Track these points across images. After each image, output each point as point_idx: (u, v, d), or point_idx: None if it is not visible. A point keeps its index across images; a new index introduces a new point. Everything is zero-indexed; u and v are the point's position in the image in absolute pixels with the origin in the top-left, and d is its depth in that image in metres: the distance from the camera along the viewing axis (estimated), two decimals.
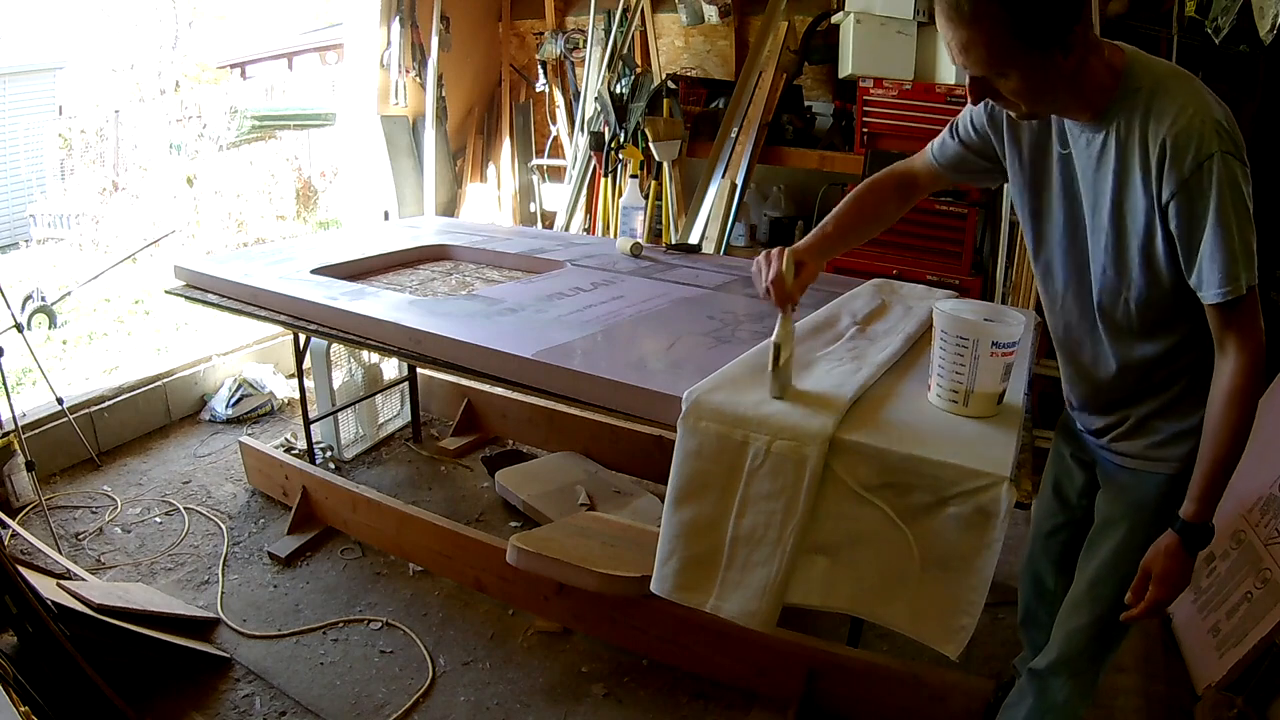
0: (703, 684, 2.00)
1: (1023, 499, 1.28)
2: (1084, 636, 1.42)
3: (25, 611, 1.64)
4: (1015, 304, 2.97)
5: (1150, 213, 1.14)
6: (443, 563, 2.37)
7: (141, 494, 2.82)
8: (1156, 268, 1.17)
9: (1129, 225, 1.17)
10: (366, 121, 4.30)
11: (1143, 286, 1.20)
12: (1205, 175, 1.07)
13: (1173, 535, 1.23)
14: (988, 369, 1.36)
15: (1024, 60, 1.07)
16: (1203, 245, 1.09)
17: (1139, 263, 1.19)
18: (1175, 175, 1.08)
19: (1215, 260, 1.08)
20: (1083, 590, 1.42)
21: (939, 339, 1.40)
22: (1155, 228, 1.14)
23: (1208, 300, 1.12)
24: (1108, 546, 1.38)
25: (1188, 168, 1.07)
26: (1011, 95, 1.13)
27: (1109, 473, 1.41)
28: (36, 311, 4.42)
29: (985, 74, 1.11)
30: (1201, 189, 1.07)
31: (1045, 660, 1.48)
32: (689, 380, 1.50)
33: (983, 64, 1.09)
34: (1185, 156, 1.07)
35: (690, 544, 1.45)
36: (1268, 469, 2.16)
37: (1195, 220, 1.09)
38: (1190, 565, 1.23)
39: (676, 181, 3.81)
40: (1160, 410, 1.30)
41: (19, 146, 7.79)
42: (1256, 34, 2.35)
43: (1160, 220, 1.13)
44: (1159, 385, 1.29)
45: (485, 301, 2.12)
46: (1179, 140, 1.08)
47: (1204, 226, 1.08)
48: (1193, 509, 1.21)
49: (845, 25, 3.17)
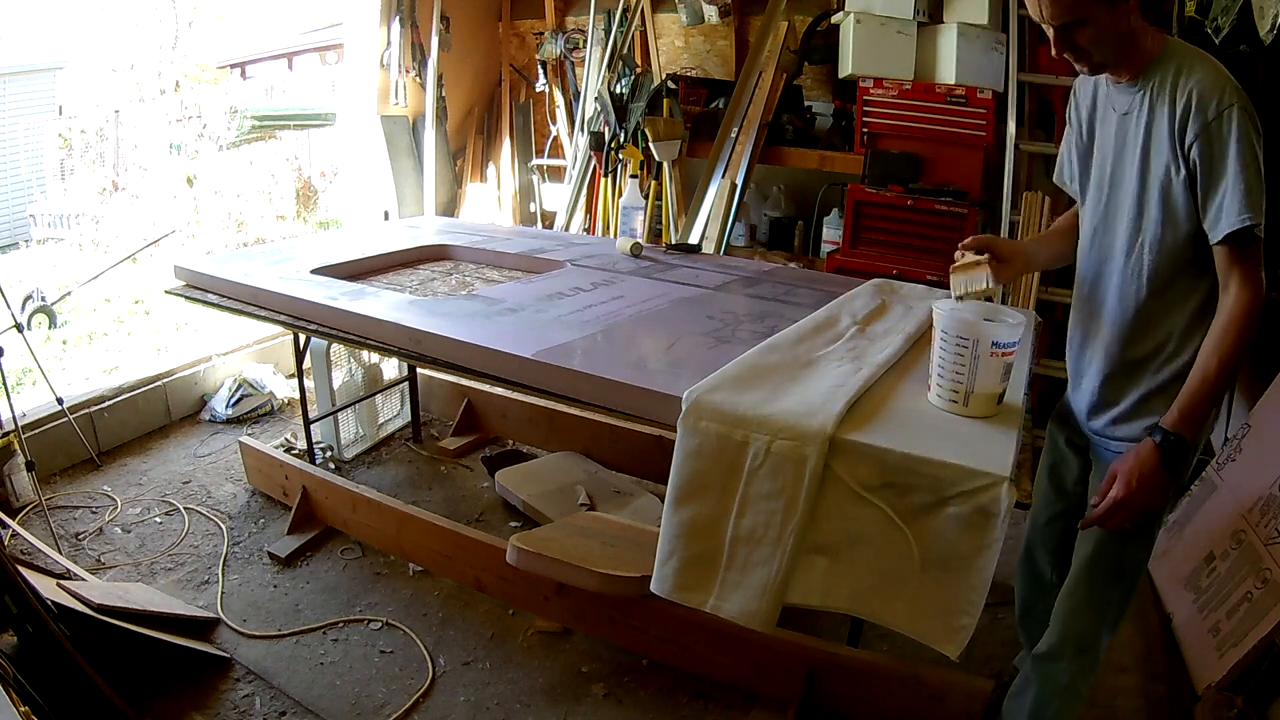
0: (703, 684, 2.00)
1: (1023, 499, 1.29)
2: (1085, 616, 1.45)
3: (25, 611, 1.64)
4: (1015, 304, 2.97)
5: (1172, 156, 1.26)
6: (443, 563, 2.36)
7: (141, 494, 2.82)
8: (1174, 210, 1.28)
9: (1152, 169, 1.30)
10: (366, 121, 4.30)
11: (1159, 230, 1.30)
12: (1226, 121, 1.20)
13: (1149, 442, 1.28)
14: (988, 369, 1.36)
15: (1101, 9, 1.23)
16: (1222, 182, 1.20)
17: (1157, 203, 1.29)
18: (1200, 119, 1.21)
19: (1235, 193, 1.19)
20: (1081, 570, 1.45)
21: (939, 339, 1.40)
22: (1176, 169, 1.25)
23: (1225, 230, 1.21)
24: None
25: (1210, 113, 1.20)
26: (1087, 44, 1.28)
27: (1106, 459, 1.43)
28: (36, 311, 4.42)
29: (1070, 20, 1.25)
30: (1222, 133, 1.20)
31: (1047, 644, 1.50)
32: (689, 380, 1.50)
33: (1069, 11, 1.24)
34: (1209, 103, 1.21)
35: (690, 544, 1.46)
36: (1268, 469, 2.16)
37: (1215, 161, 1.21)
38: (1162, 479, 1.28)
39: (676, 181, 3.81)
40: (1160, 388, 1.35)
41: (19, 146, 7.79)
42: (1256, 34, 2.35)
43: (1183, 162, 1.25)
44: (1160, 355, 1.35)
45: (485, 301, 2.12)
46: (1204, 89, 1.22)
47: (1225, 166, 1.20)
48: (1175, 417, 1.27)
49: (845, 25, 3.17)
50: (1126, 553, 1.41)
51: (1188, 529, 2.36)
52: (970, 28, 2.95)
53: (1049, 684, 1.50)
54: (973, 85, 2.99)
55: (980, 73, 2.99)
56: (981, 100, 2.98)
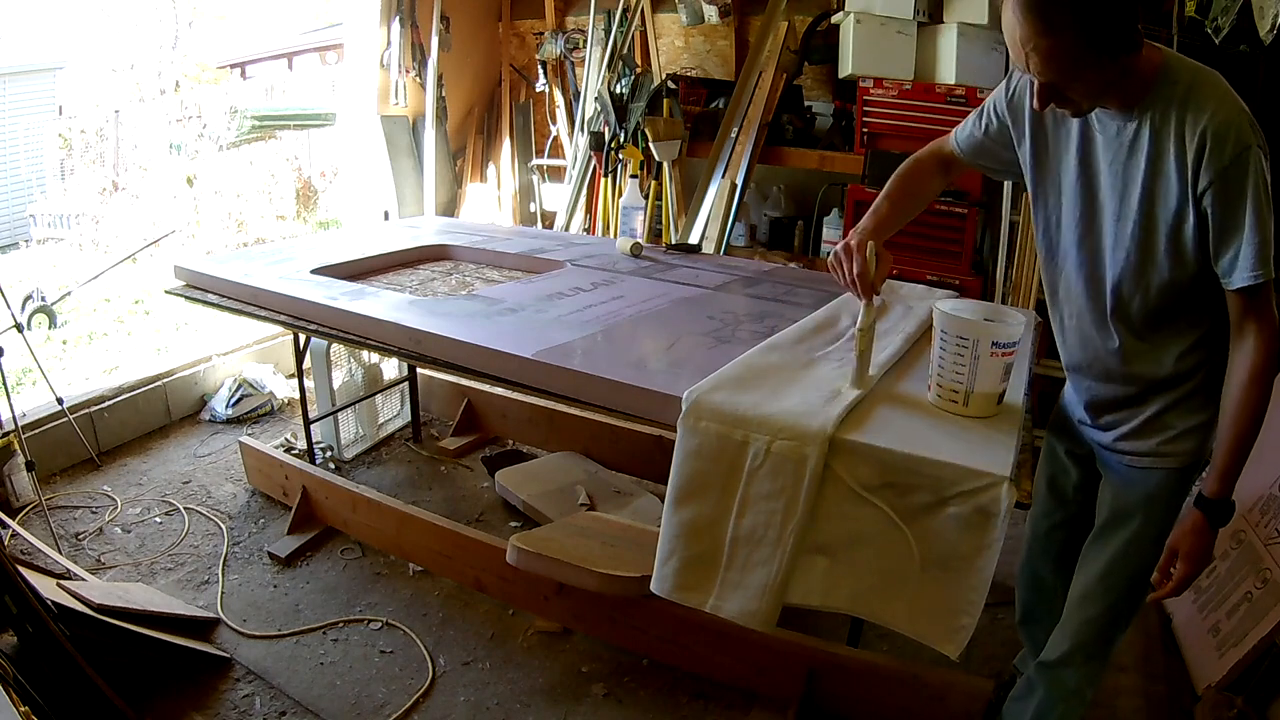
0: (703, 684, 2.00)
1: (1023, 499, 1.28)
2: (1097, 626, 1.44)
3: (25, 611, 1.64)
4: (1015, 304, 2.97)
5: (1183, 199, 1.18)
6: (443, 563, 2.36)
7: (141, 494, 2.82)
8: (1183, 252, 1.21)
9: (1159, 211, 1.22)
10: (366, 121, 4.30)
11: (1167, 271, 1.24)
12: (1242, 166, 1.12)
13: (1198, 513, 1.27)
14: (988, 369, 1.36)
15: (1095, 64, 1.12)
16: (1238, 235, 1.14)
17: (1165, 248, 1.23)
18: (1215, 164, 1.13)
19: (1252, 245, 1.14)
20: (1094, 581, 1.44)
21: (939, 339, 1.40)
22: (1187, 214, 1.18)
23: (1238, 283, 1.16)
24: (1120, 538, 1.40)
25: (1228, 157, 1.12)
26: (1078, 97, 1.18)
27: (1116, 470, 1.42)
28: (36, 311, 4.42)
29: (1058, 79, 1.15)
30: (1239, 179, 1.13)
31: (1057, 652, 1.49)
32: (689, 380, 1.50)
33: (1062, 71, 1.13)
34: (1225, 147, 1.12)
35: (690, 544, 1.45)
36: (1268, 469, 2.16)
37: (1230, 208, 1.14)
38: (1213, 541, 1.28)
39: (676, 181, 3.81)
40: (1172, 406, 1.33)
41: (19, 146, 7.78)
42: (1256, 34, 2.35)
43: (1194, 207, 1.17)
44: (1169, 382, 1.32)
45: (485, 301, 2.12)
46: (1220, 131, 1.13)
47: (1241, 214, 1.14)
48: (1215, 486, 1.25)
49: (845, 25, 3.17)
50: (1146, 564, 1.40)
51: None
52: (970, 28, 2.95)
53: (1056, 689, 1.50)
54: (973, 85, 2.99)
55: (980, 73, 2.99)
56: (981, 100, 2.97)
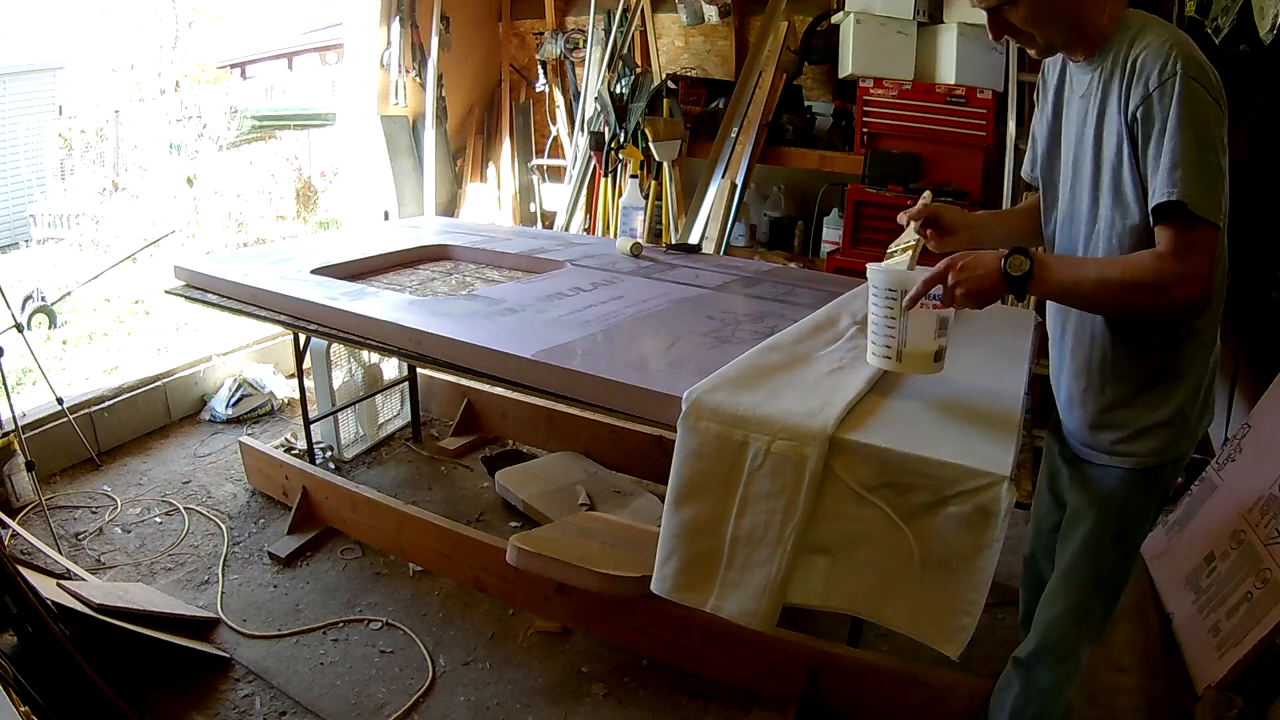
0: (703, 684, 2.00)
1: (1023, 499, 1.28)
2: (1061, 625, 1.44)
3: (25, 611, 1.64)
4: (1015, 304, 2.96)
5: (1120, 134, 1.17)
6: (443, 563, 2.36)
7: (141, 494, 2.82)
8: (1124, 196, 1.19)
9: (1105, 152, 1.22)
10: (366, 121, 4.30)
11: (1111, 217, 1.22)
12: (1168, 88, 1.10)
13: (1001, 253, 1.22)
14: (919, 323, 1.35)
15: None
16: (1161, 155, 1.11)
17: (1110, 188, 1.21)
18: (1142, 87, 1.13)
19: (1164, 164, 1.10)
20: (1058, 579, 1.45)
21: (870, 295, 1.39)
22: (1124, 150, 1.17)
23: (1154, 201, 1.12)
24: (1078, 536, 1.40)
25: (1153, 81, 1.12)
26: (1023, 24, 1.21)
27: (1080, 465, 1.43)
28: (36, 311, 4.42)
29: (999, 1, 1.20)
30: (1164, 100, 1.11)
31: (1026, 649, 1.50)
32: (689, 380, 1.50)
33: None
34: (1152, 70, 1.12)
35: (690, 544, 1.46)
36: (1267, 469, 2.16)
37: (1153, 130, 1.12)
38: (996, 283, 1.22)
39: (676, 181, 3.81)
40: (1126, 400, 1.31)
41: (19, 146, 7.78)
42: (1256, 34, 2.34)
43: (1129, 140, 1.16)
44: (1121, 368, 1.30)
45: (485, 301, 2.12)
46: (1149, 56, 1.13)
47: (1161, 135, 1.11)
48: (1045, 257, 1.22)
49: (845, 25, 3.17)
50: (1105, 562, 1.39)
51: (1188, 529, 2.36)
52: (970, 28, 2.95)
53: (1029, 687, 1.50)
54: (973, 85, 2.99)
55: (980, 73, 2.99)
56: (981, 100, 2.99)
